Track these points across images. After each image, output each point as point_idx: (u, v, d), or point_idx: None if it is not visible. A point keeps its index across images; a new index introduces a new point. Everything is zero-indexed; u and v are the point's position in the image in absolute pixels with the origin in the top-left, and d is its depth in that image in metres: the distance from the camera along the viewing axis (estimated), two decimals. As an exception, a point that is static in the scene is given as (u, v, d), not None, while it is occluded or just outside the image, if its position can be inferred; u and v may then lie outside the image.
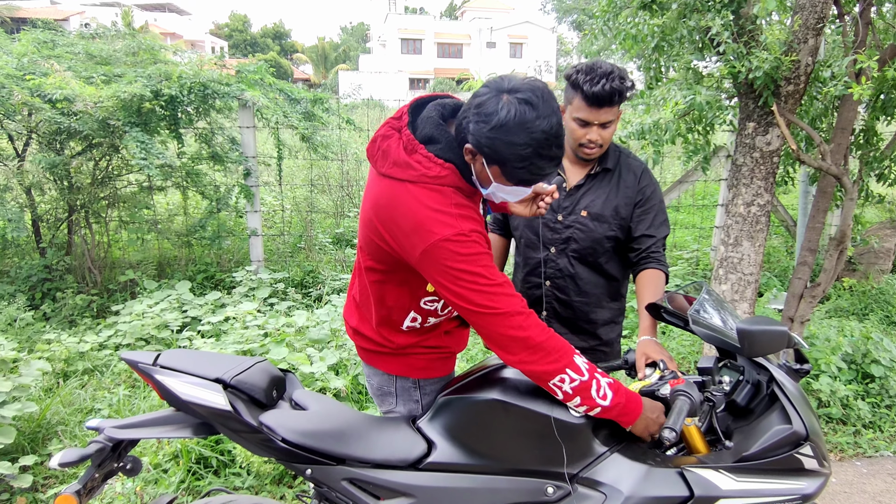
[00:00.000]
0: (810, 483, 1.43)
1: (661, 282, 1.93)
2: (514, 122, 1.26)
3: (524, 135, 1.26)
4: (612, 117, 1.89)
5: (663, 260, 1.99)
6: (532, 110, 1.26)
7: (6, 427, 2.55)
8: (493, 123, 1.27)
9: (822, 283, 3.14)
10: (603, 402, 1.39)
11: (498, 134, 1.27)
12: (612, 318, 2.15)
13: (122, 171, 4.84)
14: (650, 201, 2.02)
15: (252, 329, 3.65)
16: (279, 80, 5.22)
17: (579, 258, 2.05)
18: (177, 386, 1.55)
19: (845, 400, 3.39)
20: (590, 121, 1.87)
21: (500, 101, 1.27)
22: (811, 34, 2.74)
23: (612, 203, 2.01)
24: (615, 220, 2.01)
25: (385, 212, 1.40)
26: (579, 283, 2.07)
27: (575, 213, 2.03)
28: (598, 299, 2.09)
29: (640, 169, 2.05)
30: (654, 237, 1.99)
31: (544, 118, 1.27)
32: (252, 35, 61.77)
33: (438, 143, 1.38)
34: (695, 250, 5.85)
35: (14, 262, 4.82)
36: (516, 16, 46.77)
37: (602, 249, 2.03)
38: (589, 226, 2.01)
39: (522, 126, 1.26)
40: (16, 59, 4.32)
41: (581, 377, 1.37)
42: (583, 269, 2.06)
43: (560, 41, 39.01)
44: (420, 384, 1.70)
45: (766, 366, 1.52)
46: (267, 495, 2.63)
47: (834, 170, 2.90)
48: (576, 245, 2.03)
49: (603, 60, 1.88)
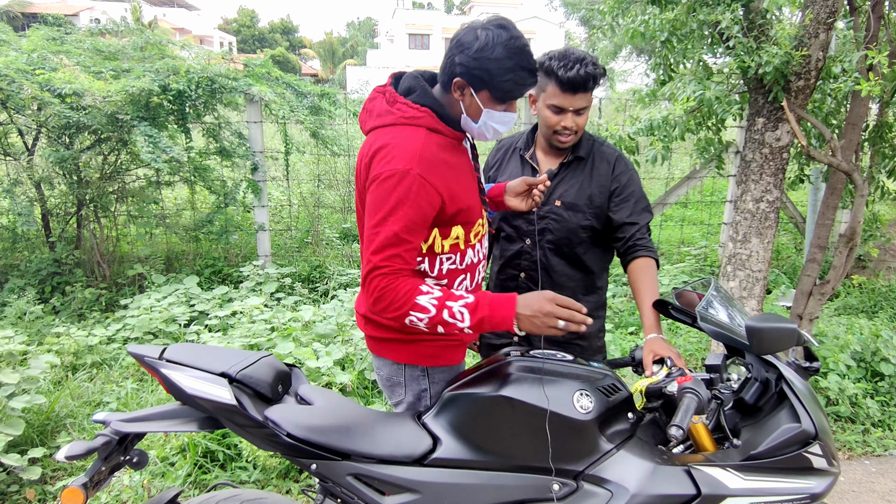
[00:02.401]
0: (819, 482, 1.41)
1: (653, 269, 1.90)
2: (494, 41, 1.44)
3: (504, 50, 1.44)
4: (586, 104, 1.87)
5: (651, 246, 1.94)
6: (506, 31, 1.45)
7: (15, 419, 2.57)
8: (475, 48, 1.44)
9: (832, 281, 3.11)
10: (462, 323, 1.46)
11: (482, 54, 1.44)
12: (589, 312, 2.09)
13: (130, 166, 4.87)
14: (627, 188, 1.97)
15: (259, 323, 3.67)
16: (287, 74, 5.22)
17: (554, 249, 2.02)
18: (182, 380, 1.56)
19: (854, 398, 3.36)
20: (564, 107, 1.86)
21: (475, 33, 1.46)
22: (822, 29, 2.70)
23: (585, 192, 1.98)
24: (589, 209, 1.97)
25: (369, 157, 1.51)
26: (553, 276, 2.03)
27: (549, 203, 2.00)
28: (572, 292, 2.03)
29: (613, 156, 2.01)
30: (636, 223, 1.94)
31: (517, 37, 1.46)
32: (260, 30, 61.83)
33: (416, 92, 1.55)
34: (702, 247, 5.81)
35: (24, 255, 4.86)
36: (524, 11, 46.55)
37: (577, 240, 2.00)
38: (563, 216, 1.98)
39: (501, 44, 1.44)
40: (26, 54, 4.35)
41: (429, 314, 1.46)
42: (557, 261, 2.03)
43: (568, 36, 38.86)
44: (429, 372, 1.70)
45: (775, 363, 1.51)
46: (273, 489, 2.64)
47: (844, 166, 2.87)
48: (551, 236, 2.01)
49: (575, 47, 1.88)
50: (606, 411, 1.46)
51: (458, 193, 1.54)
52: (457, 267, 1.63)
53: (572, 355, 1.76)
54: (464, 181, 1.59)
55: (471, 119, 1.54)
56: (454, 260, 1.62)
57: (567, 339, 2.06)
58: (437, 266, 1.61)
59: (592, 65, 1.81)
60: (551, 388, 1.45)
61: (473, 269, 1.69)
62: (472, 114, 1.53)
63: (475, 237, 1.65)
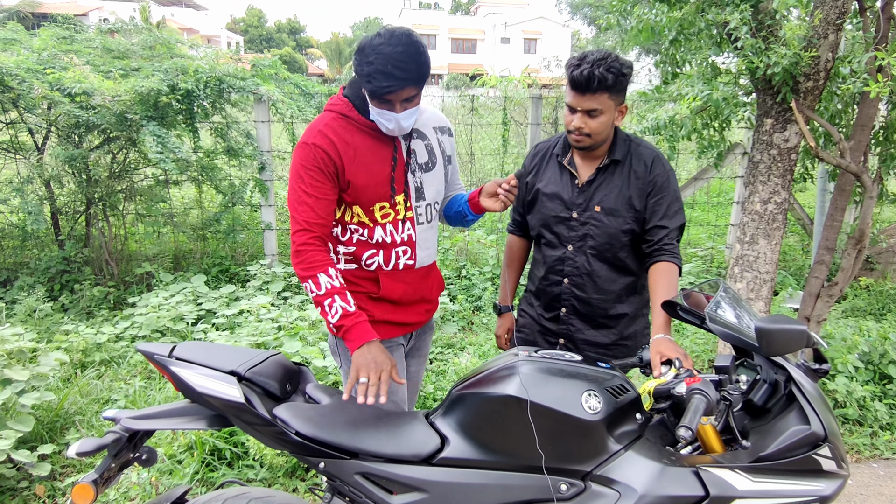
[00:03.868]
0: (828, 485, 1.40)
1: (674, 275, 1.88)
2: (368, 46, 1.61)
3: (371, 55, 1.60)
4: (597, 105, 1.84)
5: (676, 252, 1.92)
6: (380, 38, 1.60)
7: (25, 415, 2.59)
8: (356, 49, 1.65)
9: (840, 283, 3.10)
10: (330, 318, 1.71)
11: (358, 57, 1.64)
12: (634, 312, 2.10)
13: (138, 165, 4.89)
14: (663, 190, 1.95)
15: (266, 322, 3.68)
16: (294, 74, 5.24)
17: (597, 255, 2.01)
18: (192, 378, 1.57)
19: (862, 401, 3.34)
20: (573, 106, 1.88)
21: (369, 37, 1.62)
22: (831, 29, 2.69)
23: (624, 195, 1.96)
24: (629, 212, 1.96)
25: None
26: (597, 281, 2.03)
27: (589, 209, 1.99)
28: (616, 296, 2.05)
29: (650, 157, 1.98)
30: (666, 228, 1.92)
31: (388, 45, 1.58)
32: (267, 30, 62.00)
33: (347, 88, 1.80)
34: (709, 248, 5.79)
35: (34, 253, 4.90)
36: (530, 11, 46.51)
37: (619, 244, 1.99)
38: (604, 221, 1.98)
39: (372, 47, 1.60)
40: (36, 53, 4.38)
41: (318, 291, 1.71)
42: (600, 266, 2.02)
43: (575, 36, 38.75)
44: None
45: (784, 365, 1.50)
46: (279, 488, 2.65)
47: (853, 167, 2.86)
48: (593, 242, 2.00)
49: (605, 50, 1.86)
50: (614, 412, 1.46)
51: (350, 168, 1.74)
52: (366, 240, 1.85)
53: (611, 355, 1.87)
54: (367, 162, 1.77)
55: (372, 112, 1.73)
56: (362, 233, 1.84)
57: (613, 341, 2.10)
58: (348, 235, 1.86)
59: (606, 68, 1.79)
60: (560, 388, 1.45)
61: (388, 248, 1.86)
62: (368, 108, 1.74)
63: (383, 218, 1.83)
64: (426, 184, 1.89)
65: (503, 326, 2.36)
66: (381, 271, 1.88)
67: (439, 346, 4.04)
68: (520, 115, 6.33)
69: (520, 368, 1.50)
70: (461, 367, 3.59)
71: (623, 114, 1.96)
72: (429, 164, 1.90)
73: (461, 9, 55.73)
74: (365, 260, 1.86)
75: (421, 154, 1.88)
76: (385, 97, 1.64)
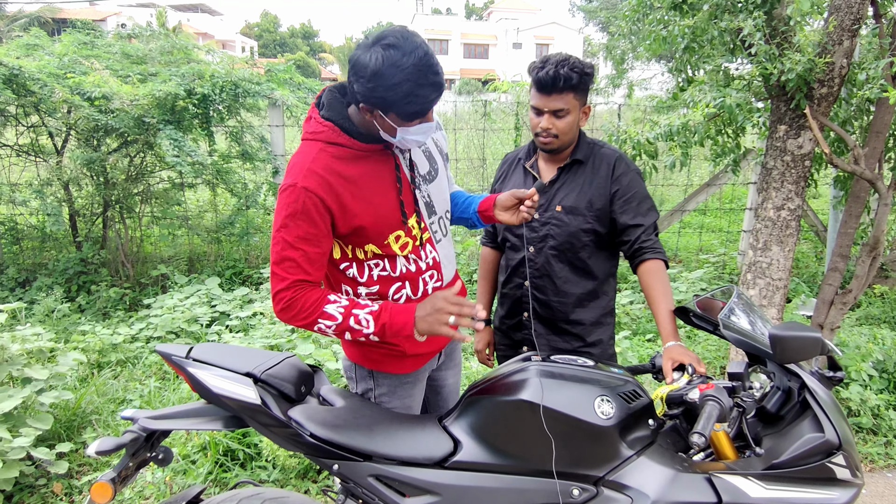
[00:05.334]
0: (842, 493, 1.40)
1: (663, 272, 1.86)
2: (385, 66, 1.34)
3: (399, 74, 1.34)
4: (564, 105, 1.87)
5: (658, 247, 1.90)
6: (397, 51, 1.34)
7: (44, 414, 2.64)
8: (368, 75, 1.36)
9: (854, 290, 3.07)
10: (367, 329, 1.52)
11: (376, 82, 1.36)
12: (597, 318, 2.07)
13: (154, 168, 4.96)
14: (629, 189, 1.94)
15: (279, 325, 3.71)
16: (307, 79, 5.29)
17: (557, 255, 2.01)
18: (209, 379, 1.59)
19: (876, 409, 3.31)
20: (539, 108, 1.90)
21: (367, 55, 1.36)
22: (846, 36, 2.68)
23: (585, 195, 1.96)
24: (590, 212, 1.96)
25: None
26: (557, 282, 2.02)
27: (550, 209, 2.00)
28: (577, 299, 2.03)
29: (613, 158, 1.99)
30: (641, 225, 1.91)
31: (410, 53, 1.35)
32: (281, 35, 62.52)
33: (325, 107, 1.55)
34: (721, 254, 5.76)
35: (52, 255, 4.97)
36: (543, 16, 46.55)
37: (580, 244, 1.99)
38: (564, 220, 1.98)
39: (393, 66, 1.34)
40: (57, 58, 4.46)
41: (336, 321, 1.52)
42: (561, 267, 2.02)
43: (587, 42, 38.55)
44: (374, 375, 1.75)
45: (798, 372, 1.50)
46: (292, 489, 2.67)
47: (868, 174, 2.84)
48: (553, 241, 2.00)
49: (568, 53, 1.89)
50: (627, 417, 1.46)
51: (353, 208, 1.52)
52: (389, 274, 1.64)
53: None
54: (370, 193, 1.55)
55: (388, 135, 1.51)
56: (383, 266, 1.63)
57: (576, 347, 2.07)
58: (367, 273, 1.63)
59: (569, 67, 1.82)
60: (572, 393, 1.46)
61: (414, 278, 1.66)
62: (387, 131, 1.49)
63: (402, 249, 1.62)
64: (433, 196, 1.72)
65: (482, 340, 2.33)
66: (411, 302, 1.68)
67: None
68: (532, 120, 6.33)
69: (532, 373, 1.51)
70: (473, 371, 3.60)
71: (587, 115, 1.97)
72: (431, 174, 1.72)
73: (474, 13, 55.83)
74: (392, 295, 1.66)
75: (422, 164, 1.70)
76: (428, 110, 1.44)
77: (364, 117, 1.50)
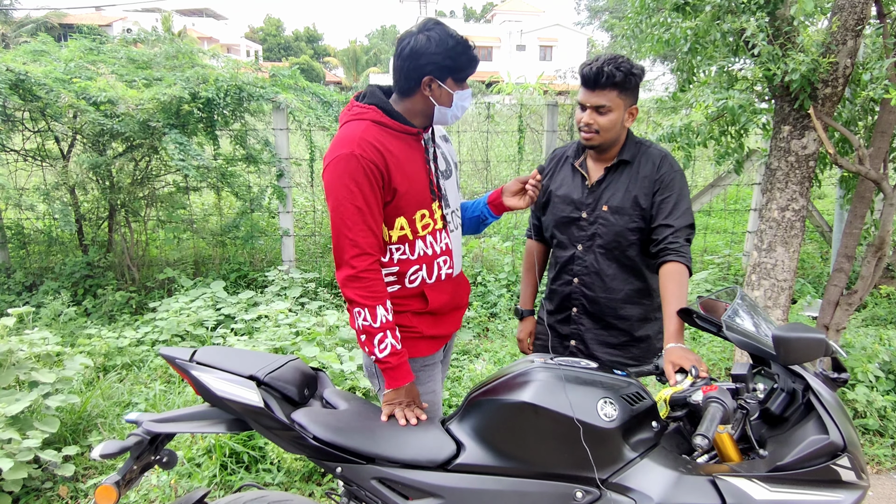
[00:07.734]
0: (847, 496, 1.39)
1: (682, 277, 1.85)
2: (441, 38, 1.67)
3: (452, 40, 1.68)
4: (606, 101, 1.90)
5: (684, 251, 1.89)
6: (442, 28, 1.69)
7: (50, 417, 2.65)
8: (433, 47, 1.66)
9: (860, 291, 3.06)
10: (378, 354, 1.69)
11: (442, 48, 1.67)
12: (644, 314, 2.11)
13: (160, 172, 4.98)
14: (669, 189, 1.96)
15: (284, 328, 3.72)
16: (311, 83, 5.31)
17: (605, 253, 2.05)
18: (212, 382, 1.60)
19: (882, 411, 3.29)
20: (583, 102, 1.95)
21: (425, 37, 1.67)
22: (850, 35, 2.67)
23: (630, 194, 1.99)
24: (636, 211, 1.98)
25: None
26: (605, 280, 2.06)
27: (598, 208, 2.04)
28: (626, 295, 2.07)
29: (659, 157, 2.01)
30: (671, 227, 1.91)
31: (450, 31, 1.70)
32: (285, 39, 62.72)
33: (366, 97, 1.77)
34: (726, 255, 5.74)
35: (58, 259, 5.00)
36: (546, 19, 46.53)
37: (626, 243, 2.02)
38: (610, 220, 2.01)
39: (447, 37, 1.67)
40: (63, 63, 4.49)
41: (373, 323, 1.67)
42: (608, 265, 2.05)
43: (591, 44, 38.61)
44: None
45: (803, 374, 1.49)
46: (296, 492, 2.67)
47: (873, 174, 2.83)
48: (600, 240, 2.04)
49: (619, 54, 1.93)
50: (630, 419, 1.46)
51: (396, 177, 1.70)
52: (408, 257, 1.80)
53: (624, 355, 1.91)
54: (408, 169, 1.74)
55: (444, 107, 1.75)
56: (403, 250, 1.80)
57: (623, 342, 2.12)
58: (389, 255, 1.79)
59: (614, 65, 1.86)
60: (575, 395, 1.46)
61: (430, 261, 1.84)
62: (444, 102, 1.74)
63: (423, 229, 1.81)
64: (448, 191, 1.91)
65: (525, 330, 2.40)
66: (426, 285, 1.84)
67: (455, 353, 4.05)
68: (535, 122, 6.34)
69: (535, 375, 1.51)
70: (476, 373, 3.60)
71: (633, 116, 1.99)
72: (447, 172, 1.92)
73: (472, 17, 55.92)
74: (409, 277, 1.82)
75: (440, 161, 1.90)
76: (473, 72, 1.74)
77: (414, 99, 1.74)
